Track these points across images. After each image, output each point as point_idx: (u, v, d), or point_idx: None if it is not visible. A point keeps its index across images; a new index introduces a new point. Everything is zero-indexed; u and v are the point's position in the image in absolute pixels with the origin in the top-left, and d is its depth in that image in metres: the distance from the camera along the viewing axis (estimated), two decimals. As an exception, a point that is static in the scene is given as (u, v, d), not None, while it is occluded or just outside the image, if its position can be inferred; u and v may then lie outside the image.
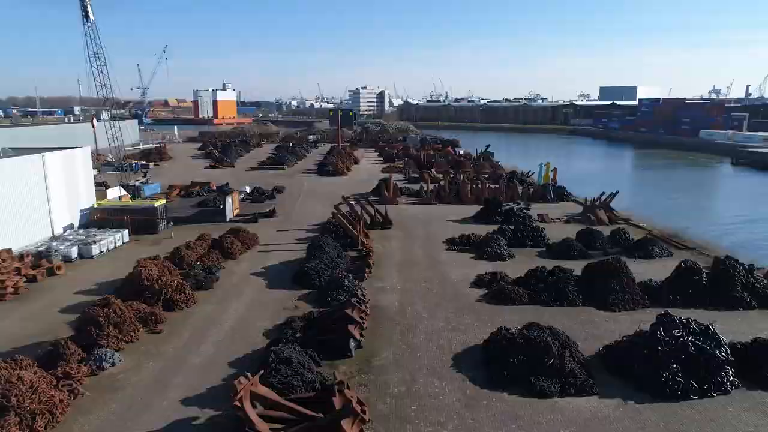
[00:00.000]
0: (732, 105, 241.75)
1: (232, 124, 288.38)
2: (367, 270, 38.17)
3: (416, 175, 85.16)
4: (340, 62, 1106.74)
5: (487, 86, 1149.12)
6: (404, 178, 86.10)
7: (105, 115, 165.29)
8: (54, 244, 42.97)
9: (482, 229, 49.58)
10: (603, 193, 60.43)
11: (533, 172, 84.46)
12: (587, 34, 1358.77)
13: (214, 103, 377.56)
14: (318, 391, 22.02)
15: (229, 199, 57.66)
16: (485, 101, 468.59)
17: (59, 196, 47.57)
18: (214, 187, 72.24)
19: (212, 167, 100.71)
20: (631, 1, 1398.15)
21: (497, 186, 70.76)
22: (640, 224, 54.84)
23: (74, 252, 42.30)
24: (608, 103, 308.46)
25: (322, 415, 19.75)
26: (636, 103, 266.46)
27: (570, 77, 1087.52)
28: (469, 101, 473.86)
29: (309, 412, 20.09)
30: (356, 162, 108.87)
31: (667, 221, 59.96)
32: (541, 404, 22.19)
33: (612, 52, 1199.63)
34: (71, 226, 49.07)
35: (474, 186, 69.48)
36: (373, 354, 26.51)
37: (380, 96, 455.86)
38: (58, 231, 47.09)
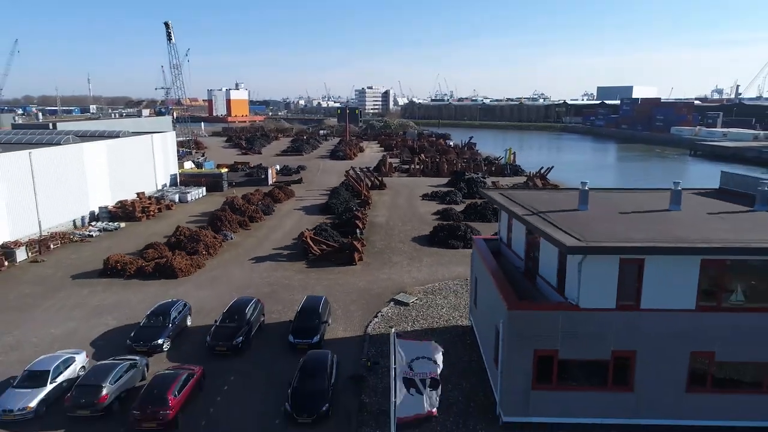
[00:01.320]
0: (707, 104, 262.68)
1: (245, 121, 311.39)
2: (367, 206, 60.65)
3: (408, 159, 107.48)
4: (345, 62, 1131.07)
5: (492, 85, 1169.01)
6: (399, 161, 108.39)
7: (145, 112, 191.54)
8: (164, 192, 65.76)
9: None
10: (542, 168, 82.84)
11: (502, 156, 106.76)
12: (594, 32, 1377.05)
13: (228, 101, 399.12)
14: (341, 244, 44.42)
15: (269, 170, 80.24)
16: (488, 100, 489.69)
17: (159, 163, 70.29)
18: (252, 166, 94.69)
19: (243, 154, 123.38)
20: (641, 1, 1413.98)
21: (467, 164, 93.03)
22: (561, 187, 76.98)
23: (177, 197, 65.04)
24: (597, 102, 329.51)
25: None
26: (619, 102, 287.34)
27: (575, 76, 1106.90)
28: (472, 100, 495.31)
29: (338, 246, 42.59)
30: (362, 150, 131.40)
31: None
32: (451, 251, 44.62)
33: (618, 52, 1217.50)
34: (165, 185, 71.74)
35: (450, 164, 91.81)
36: (369, 236, 48.97)
37: (385, 95, 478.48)
38: (159, 187, 69.76)
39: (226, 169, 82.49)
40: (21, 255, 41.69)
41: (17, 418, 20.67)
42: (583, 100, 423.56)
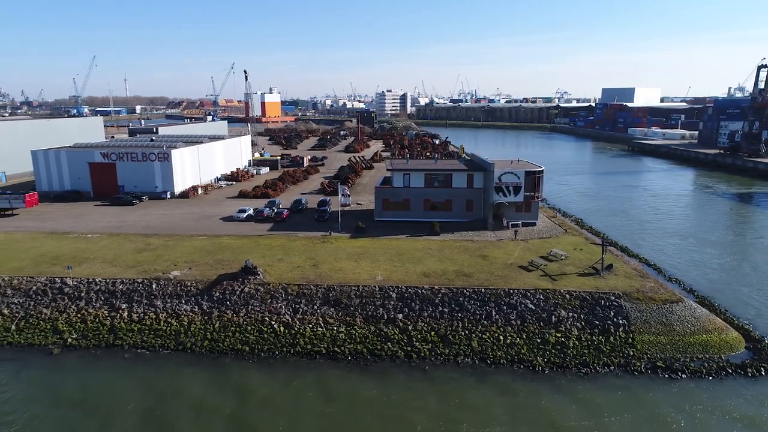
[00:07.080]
0: (671, 107, 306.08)
1: (277, 121, 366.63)
2: (359, 176, 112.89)
3: (396, 151, 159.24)
4: (371, 61, 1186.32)
5: (516, 83, 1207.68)
6: (390, 153, 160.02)
7: (209, 118, 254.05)
8: (248, 168, 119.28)
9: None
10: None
11: (458, 149, 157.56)
12: (612, 31, 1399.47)
13: (262, 104, 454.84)
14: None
15: (305, 158, 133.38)
16: (504, 99, 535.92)
17: (243, 153, 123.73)
18: (293, 156, 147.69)
19: (285, 148, 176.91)
20: (664, 3, 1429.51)
21: (432, 153, 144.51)
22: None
23: (255, 171, 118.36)
24: (585, 105, 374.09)
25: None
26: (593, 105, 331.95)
27: (598, 75, 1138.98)
28: (489, 100, 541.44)
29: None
30: (368, 146, 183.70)
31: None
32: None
33: (638, 50, 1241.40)
34: (245, 165, 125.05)
35: (419, 152, 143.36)
36: (355, 187, 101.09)
37: (403, 98, 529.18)
38: (243, 165, 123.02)
39: (279, 157, 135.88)
40: (200, 191, 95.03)
41: (240, 219, 73.79)
42: (595, 100, 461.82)
